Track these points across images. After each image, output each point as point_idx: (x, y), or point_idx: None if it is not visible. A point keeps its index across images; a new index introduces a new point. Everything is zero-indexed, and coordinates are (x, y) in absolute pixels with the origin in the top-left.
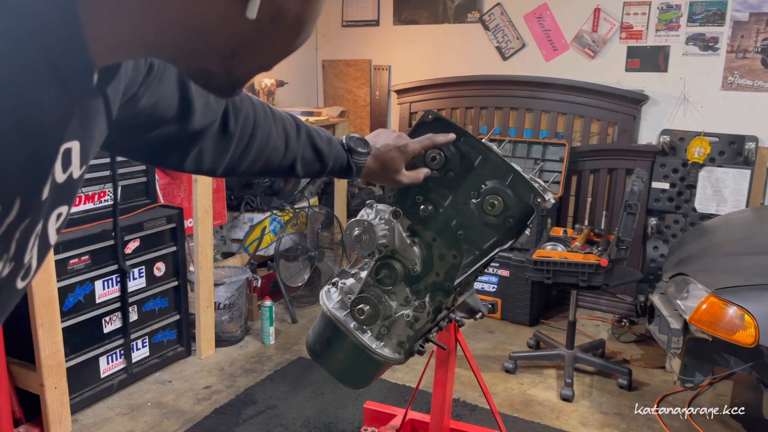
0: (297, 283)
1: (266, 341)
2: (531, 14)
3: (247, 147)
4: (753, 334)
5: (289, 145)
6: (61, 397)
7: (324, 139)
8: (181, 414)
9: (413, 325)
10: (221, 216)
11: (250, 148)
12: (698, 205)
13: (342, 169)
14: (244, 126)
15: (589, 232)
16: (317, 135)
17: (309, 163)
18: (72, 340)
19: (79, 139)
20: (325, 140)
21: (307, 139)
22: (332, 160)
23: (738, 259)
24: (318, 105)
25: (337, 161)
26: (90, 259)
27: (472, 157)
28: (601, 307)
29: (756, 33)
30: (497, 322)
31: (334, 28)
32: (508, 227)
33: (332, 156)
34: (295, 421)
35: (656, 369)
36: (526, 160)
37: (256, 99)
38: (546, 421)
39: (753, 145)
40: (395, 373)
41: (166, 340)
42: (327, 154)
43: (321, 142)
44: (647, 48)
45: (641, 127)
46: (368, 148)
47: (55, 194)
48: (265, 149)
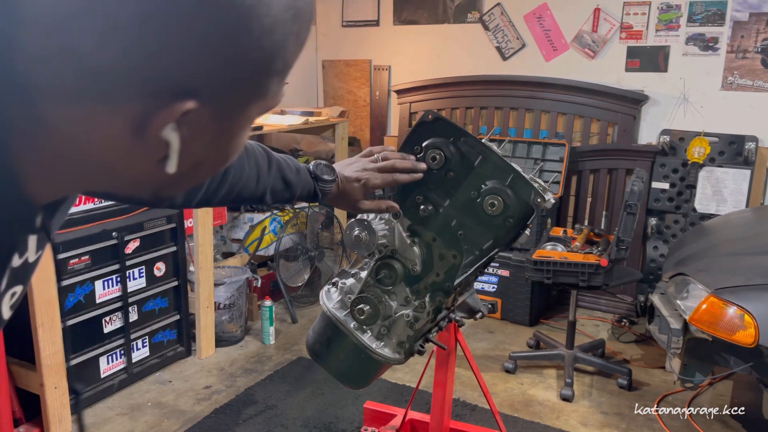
0: (297, 283)
1: (266, 341)
2: (531, 14)
3: (220, 185)
4: (753, 334)
5: (260, 179)
6: (61, 397)
7: (293, 170)
8: (181, 414)
9: (413, 325)
10: (221, 216)
11: (223, 186)
12: (698, 205)
13: (309, 196)
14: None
15: (589, 232)
16: (287, 166)
17: (278, 193)
18: (72, 340)
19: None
20: (294, 170)
21: (277, 171)
22: (300, 189)
23: (738, 259)
24: (318, 105)
25: (305, 189)
26: (90, 259)
27: (472, 157)
28: (601, 307)
29: (756, 33)
30: (497, 322)
31: (334, 28)
32: (508, 227)
33: (300, 185)
34: (295, 421)
35: (656, 369)
36: (526, 160)
37: None
38: (546, 421)
39: (753, 145)
40: (395, 373)
41: (166, 340)
42: (295, 184)
43: (290, 174)
44: (647, 48)
45: (641, 127)
46: (334, 176)
47: (12, 277)
48: (237, 185)
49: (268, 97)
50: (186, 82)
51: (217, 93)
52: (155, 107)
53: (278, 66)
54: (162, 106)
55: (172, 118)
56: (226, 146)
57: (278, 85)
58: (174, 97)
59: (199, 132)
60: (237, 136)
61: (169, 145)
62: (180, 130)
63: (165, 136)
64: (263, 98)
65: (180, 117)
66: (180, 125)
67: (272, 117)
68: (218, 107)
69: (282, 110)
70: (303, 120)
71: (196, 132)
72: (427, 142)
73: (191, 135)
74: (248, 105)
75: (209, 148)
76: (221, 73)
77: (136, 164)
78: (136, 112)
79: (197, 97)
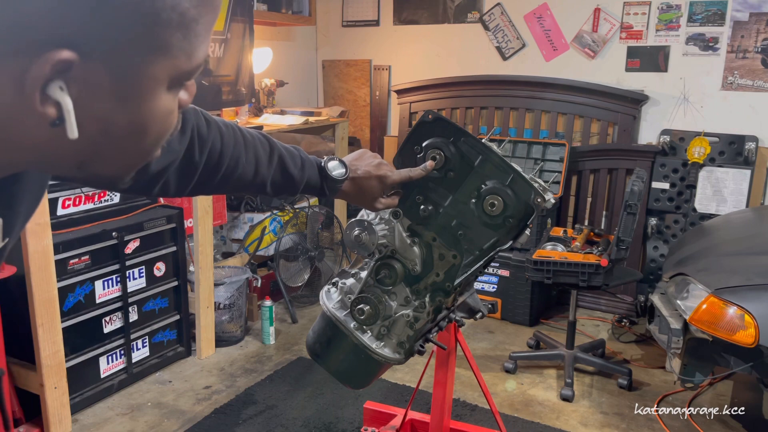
0: (297, 283)
1: (266, 341)
2: (531, 14)
3: (213, 174)
4: (753, 334)
5: (258, 170)
6: (61, 397)
7: (297, 164)
8: (181, 414)
9: (413, 325)
10: (221, 216)
11: (215, 175)
12: (698, 205)
13: (315, 190)
14: (210, 156)
15: (589, 232)
16: (290, 159)
17: (279, 186)
18: (72, 340)
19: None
20: (299, 165)
21: (278, 163)
22: (304, 184)
23: (738, 259)
24: (318, 105)
25: (310, 184)
26: (90, 259)
27: (472, 157)
28: (601, 307)
29: (756, 33)
30: (497, 322)
31: (334, 28)
32: (508, 227)
33: (303, 180)
34: (295, 421)
35: (656, 369)
36: (526, 160)
37: (226, 126)
38: (546, 421)
39: (753, 145)
40: (395, 373)
41: (166, 340)
42: (298, 179)
43: (293, 168)
44: (647, 48)
45: (641, 127)
46: (346, 172)
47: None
48: (231, 175)
49: (173, 55)
50: (58, 29)
51: (99, 43)
52: (30, 60)
53: (171, 17)
54: (36, 57)
55: (48, 69)
56: (135, 112)
57: (184, 40)
58: (48, 48)
59: (94, 92)
60: (145, 101)
61: (61, 107)
62: (69, 88)
63: (53, 95)
64: (165, 55)
65: (63, 72)
66: (69, 84)
67: (272, 117)
68: (107, 62)
69: (282, 110)
70: (303, 120)
71: (89, 92)
72: (427, 142)
73: (84, 95)
74: (146, 62)
75: (115, 112)
76: (96, 20)
77: (32, 129)
78: (14, 68)
79: (75, 47)
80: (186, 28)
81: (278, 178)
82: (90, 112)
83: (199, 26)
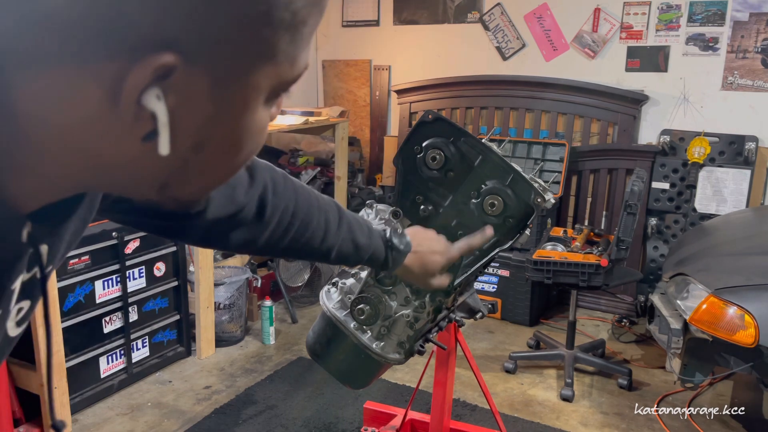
0: (297, 283)
1: (266, 341)
2: (531, 14)
3: (282, 237)
4: (753, 334)
5: (326, 237)
6: (61, 397)
7: (365, 232)
8: (181, 414)
9: (413, 325)
10: None
11: (284, 238)
12: (698, 205)
13: (377, 263)
14: (282, 217)
15: (589, 232)
16: (358, 227)
17: (345, 255)
18: (72, 340)
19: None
20: (366, 233)
21: (347, 232)
22: (369, 254)
23: (738, 259)
24: (318, 105)
25: (375, 255)
26: (90, 259)
27: (472, 157)
28: (601, 307)
29: (756, 33)
30: (497, 322)
31: (334, 28)
32: (508, 227)
33: (370, 250)
34: (295, 421)
35: (656, 369)
36: (526, 160)
37: (303, 188)
38: (546, 421)
39: (753, 145)
40: (395, 373)
41: (166, 340)
42: (366, 248)
43: (361, 236)
44: (647, 48)
45: (641, 127)
46: (408, 246)
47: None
48: (299, 240)
49: (279, 60)
50: (161, 31)
51: (204, 45)
52: (128, 64)
53: (283, 16)
54: (135, 62)
55: (148, 75)
56: (232, 126)
57: (291, 44)
58: (149, 50)
59: (192, 101)
60: (245, 113)
61: (155, 118)
62: (166, 98)
63: (148, 106)
64: (271, 60)
65: (162, 78)
66: (166, 92)
67: None
68: (210, 67)
69: (282, 110)
70: (303, 120)
71: (187, 100)
72: (427, 142)
73: (182, 104)
74: (251, 68)
75: (210, 125)
76: (203, 17)
77: (119, 143)
78: (108, 74)
79: (178, 49)
80: (294, 31)
81: (346, 247)
82: (185, 125)
83: (306, 29)
